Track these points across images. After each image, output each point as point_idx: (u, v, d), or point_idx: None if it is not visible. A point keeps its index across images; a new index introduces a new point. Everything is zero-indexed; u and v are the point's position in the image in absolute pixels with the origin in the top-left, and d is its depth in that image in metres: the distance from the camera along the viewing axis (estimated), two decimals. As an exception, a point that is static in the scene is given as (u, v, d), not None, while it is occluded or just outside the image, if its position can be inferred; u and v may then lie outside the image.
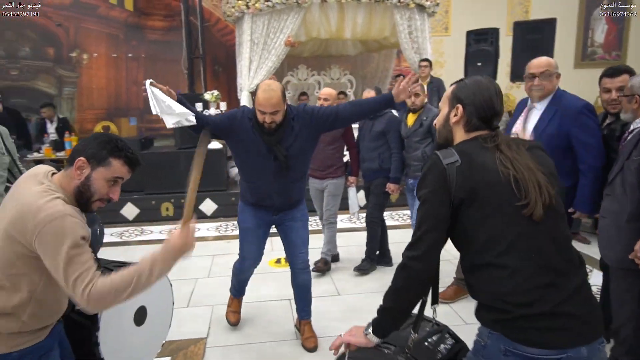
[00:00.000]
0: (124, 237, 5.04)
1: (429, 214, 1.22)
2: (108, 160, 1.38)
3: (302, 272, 2.71)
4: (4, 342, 1.32)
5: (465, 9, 9.18)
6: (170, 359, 2.61)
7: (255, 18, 5.89)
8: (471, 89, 1.32)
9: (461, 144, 1.30)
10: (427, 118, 3.34)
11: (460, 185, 1.19)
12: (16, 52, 7.65)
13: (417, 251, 1.22)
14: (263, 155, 2.40)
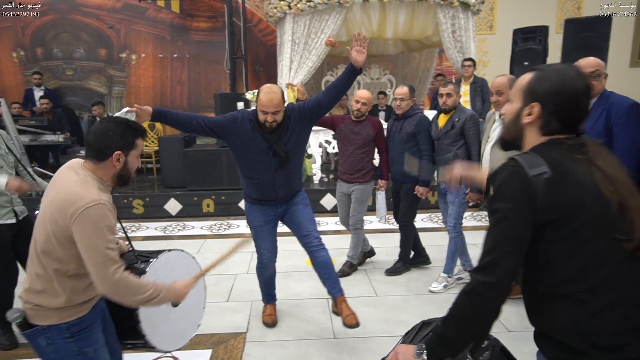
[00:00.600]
0: (167, 232, 5.22)
1: (507, 234, 1.03)
2: (135, 143, 1.58)
3: (318, 250, 2.75)
4: (54, 314, 1.49)
5: (511, 6, 8.88)
6: (211, 351, 2.68)
7: (297, 18, 5.94)
8: (553, 83, 1.08)
9: (546, 149, 1.07)
10: (459, 119, 3.24)
11: (550, 203, 1.00)
12: (72, 54, 8.09)
13: (491, 277, 1.03)
14: (264, 153, 2.59)
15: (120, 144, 1.53)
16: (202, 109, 8.48)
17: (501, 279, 1.03)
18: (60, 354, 1.50)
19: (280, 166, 2.63)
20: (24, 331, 1.50)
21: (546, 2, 8.93)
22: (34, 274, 1.49)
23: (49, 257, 1.46)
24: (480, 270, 1.06)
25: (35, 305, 1.48)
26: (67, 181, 1.48)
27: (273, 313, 3.04)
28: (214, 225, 5.40)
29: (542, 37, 5.24)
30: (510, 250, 1.03)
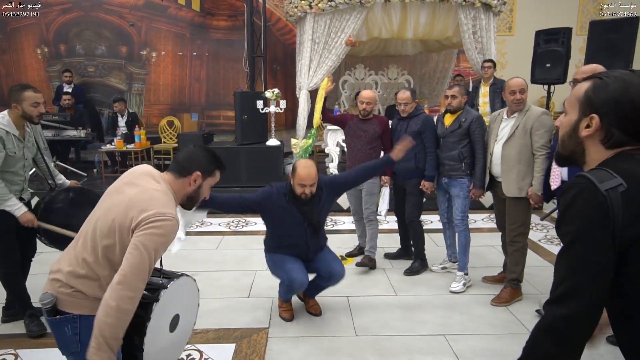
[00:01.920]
0: (186, 228, 5.28)
1: (585, 260, 0.93)
2: (214, 172, 1.73)
3: (334, 282, 3.05)
4: (89, 304, 1.50)
5: (531, 8, 8.80)
6: (235, 345, 2.71)
7: (317, 18, 5.96)
8: (614, 92, 0.98)
9: (615, 162, 0.97)
10: (465, 120, 3.38)
11: (631, 217, 0.90)
12: (94, 51, 8.23)
13: (571, 309, 0.92)
14: (299, 223, 2.83)
15: (203, 168, 1.67)
16: (220, 107, 8.55)
17: (585, 311, 0.93)
18: (84, 346, 1.47)
19: (313, 234, 2.90)
20: (52, 317, 1.50)
21: (567, 3, 8.83)
22: (80, 258, 1.52)
23: (106, 248, 1.49)
24: (556, 302, 0.95)
25: (75, 290, 1.50)
26: (149, 186, 1.56)
27: (290, 308, 3.11)
28: (232, 222, 5.45)
29: (565, 38, 5.19)
30: (590, 278, 0.92)
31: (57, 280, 1.52)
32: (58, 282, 1.51)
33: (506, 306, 3.16)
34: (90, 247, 1.51)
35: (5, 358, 2.58)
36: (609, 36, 4.78)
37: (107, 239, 1.49)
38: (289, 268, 2.87)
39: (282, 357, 2.60)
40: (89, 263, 1.50)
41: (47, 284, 1.55)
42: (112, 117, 7.48)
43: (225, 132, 8.32)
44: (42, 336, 2.79)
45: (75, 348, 1.52)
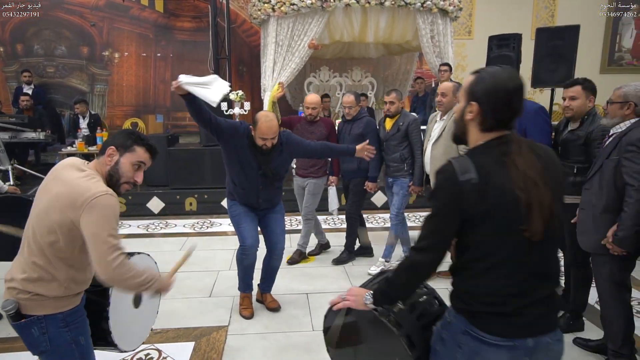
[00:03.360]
0: (150, 230, 5.27)
1: (438, 228, 1.27)
2: (133, 147, 1.65)
3: (277, 259, 3.17)
4: (51, 304, 1.54)
5: (489, 13, 9.15)
6: (194, 343, 2.78)
7: (281, 21, 6.04)
8: (487, 84, 1.24)
9: (478, 153, 1.26)
10: (403, 123, 3.64)
11: (473, 205, 1.20)
12: (53, 51, 8.02)
13: (424, 257, 1.30)
14: (254, 169, 2.89)
15: (118, 143, 1.64)
16: (185, 108, 8.47)
17: (432, 259, 1.29)
18: (53, 343, 1.54)
19: (266, 184, 2.96)
20: (16, 322, 1.52)
21: (522, 10, 9.24)
22: (30, 262, 1.53)
23: (52, 247, 1.52)
24: (416, 251, 1.31)
25: (34, 294, 1.52)
26: (72, 177, 1.55)
27: (250, 306, 3.19)
28: (197, 224, 5.47)
29: (516, 44, 5.45)
30: (438, 240, 1.28)
31: (14, 288, 1.53)
32: (15, 289, 1.53)
33: None
34: (36, 250, 1.53)
35: (-42, 365, 2.55)
36: (554, 42, 5.07)
37: (49, 237, 1.51)
38: (243, 228, 3.01)
39: (241, 354, 2.69)
40: (40, 265, 1.53)
41: (5, 292, 1.56)
42: (73, 119, 7.32)
43: (191, 133, 8.28)
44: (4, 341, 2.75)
45: (45, 346, 1.55)
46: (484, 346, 1.25)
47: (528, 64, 5.82)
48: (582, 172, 2.69)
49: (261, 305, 3.29)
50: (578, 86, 2.75)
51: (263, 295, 3.30)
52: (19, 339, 1.58)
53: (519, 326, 1.24)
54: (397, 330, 1.40)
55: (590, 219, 2.40)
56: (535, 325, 1.25)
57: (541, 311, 1.25)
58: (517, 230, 1.21)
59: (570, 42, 4.97)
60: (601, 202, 2.33)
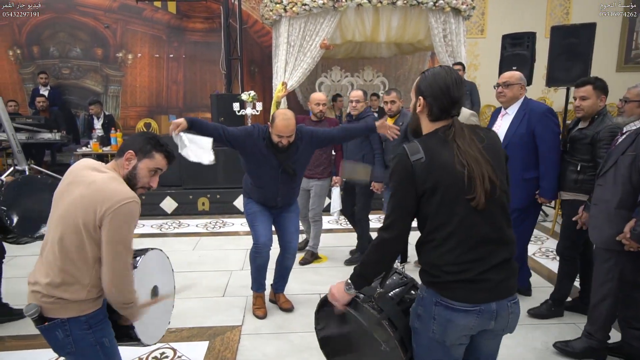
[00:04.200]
0: (163, 229, 5.32)
1: (399, 204, 1.43)
2: (152, 154, 1.66)
3: (291, 258, 3.19)
4: (74, 307, 1.55)
5: (502, 11, 9.06)
6: (208, 343, 2.79)
7: (292, 21, 6.05)
8: (429, 80, 1.46)
9: (426, 138, 1.46)
10: (403, 123, 3.59)
11: (423, 180, 1.38)
12: (68, 53, 8.14)
13: (390, 233, 1.45)
14: (273, 168, 2.88)
15: (136, 147, 1.64)
16: (197, 108, 8.56)
17: (397, 234, 1.45)
18: (78, 345, 1.55)
19: (286, 181, 2.95)
20: (40, 325, 1.54)
21: (536, 8, 9.12)
22: (55, 266, 1.53)
23: (78, 249, 1.51)
24: (383, 229, 1.46)
25: (57, 298, 1.53)
26: (95, 178, 1.55)
27: (263, 306, 3.20)
28: (209, 223, 5.50)
29: (530, 42, 5.39)
30: (401, 215, 1.44)
31: (38, 292, 1.54)
32: (38, 293, 1.54)
33: None
34: (60, 254, 1.53)
35: (-22, 361, 2.60)
36: (569, 41, 5.00)
37: (75, 240, 1.51)
38: (257, 226, 3.04)
39: (254, 354, 2.70)
40: (64, 270, 1.53)
41: (29, 295, 1.57)
42: (87, 120, 7.42)
43: (204, 133, 8.32)
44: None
45: (70, 348, 1.56)
46: (455, 313, 1.39)
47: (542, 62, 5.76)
48: (585, 170, 2.79)
49: (275, 305, 3.30)
50: (589, 86, 2.75)
51: (276, 295, 3.31)
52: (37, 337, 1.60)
53: (484, 291, 1.39)
54: (378, 314, 1.50)
55: (603, 214, 2.41)
56: (498, 290, 1.40)
57: (501, 277, 1.40)
58: (464, 201, 1.37)
59: (586, 40, 4.90)
60: (616, 198, 2.35)
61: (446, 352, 1.45)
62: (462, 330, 1.41)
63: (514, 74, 3.05)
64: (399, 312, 1.55)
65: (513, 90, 3.01)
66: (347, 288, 1.53)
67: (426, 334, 1.45)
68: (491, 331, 1.45)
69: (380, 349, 1.50)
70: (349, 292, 1.53)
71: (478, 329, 1.42)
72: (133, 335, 1.74)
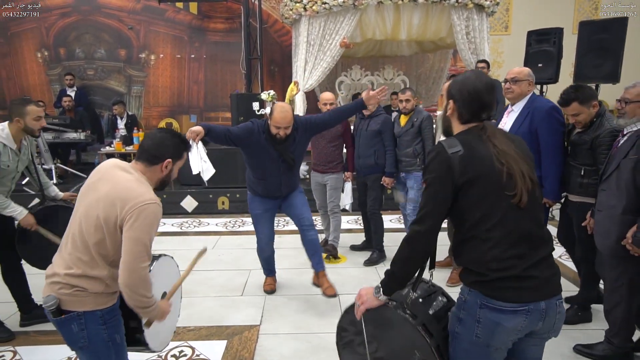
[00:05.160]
0: (183, 228, 5.37)
1: (433, 196, 1.40)
2: (183, 155, 1.79)
3: (308, 229, 3.28)
4: (91, 301, 1.58)
5: (527, 7, 8.83)
6: (226, 342, 2.79)
7: (312, 20, 6.03)
8: (459, 85, 1.48)
9: (462, 134, 1.45)
10: (417, 120, 3.77)
11: (462, 172, 1.36)
12: (93, 54, 8.33)
13: (422, 226, 1.40)
14: (273, 159, 3.04)
15: (172, 154, 1.72)
16: (218, 108, 8.64)
17: (429, 228, 1.40)
18: (91, 339, 1.58)
19: (287, 170, 3.11)
20: (57, 317, 1.56)
21: (563, 3, 8.86)
22: (75, 258, 1.57)
23: (98, 244, 1.55)
24: (415, 222, 1.43)
25: (76, 289, 1.55)
26: (122, 178, 1.60)
27: (273, 283, 3.52)
28: (229, 222, 5.53)
29: (557, 38, 5.23)
30: (435, 208, 1.39)
31: (56, 282, 1.57)
32: (57, 284, 1.56)
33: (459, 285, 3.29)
34: (82, 247, 1.57)
35: (4, 355, 2.66)
36: (599, 36, 4.82)
37: (96, 236, 1.55)
38: (259, 228, 3.30)
39: (272, 354, 2.68)
40: (84, 262, 1.56)
41: (46, 288, 1.60)
42: (111, 120, 7.56)
43: (224, 133, 8.39)
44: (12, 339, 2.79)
45: (83, 342, 1.58)
46: (502, 315, 1.34)
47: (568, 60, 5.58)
48: (589, 174, 2.71)
49: (293, 304, 3.27)
50: (574, 103, 2.66)
51: (319, 277, 3.35)
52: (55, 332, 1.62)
53: (531, 290, 1.35)
54: (413, 320, 1.44)
55: (608, 220, 2.36)
56: (546, 288, 1.37)
57: (546, 274, 1.38)
58: (504, 196, 1.36)
59: (616, 36, 4.71)
60: (621, 204, 2.29)
61: (489, 356, 1.40)
62: (510, 333, 1.36)
63: (523, 70, 2.96)
64: (432, 318, 1.50)
65: (521, 86, 2.91)
66: (377, 292, 1.47)
67: (468, 339, 1.40)
68: (537, 335, 1.41)
69: (414, 357, 1.45)
70: (378, 297, 1.47)
71: (526, 330, 1.38)
72: (142, 340, 1.75)
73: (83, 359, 1.66)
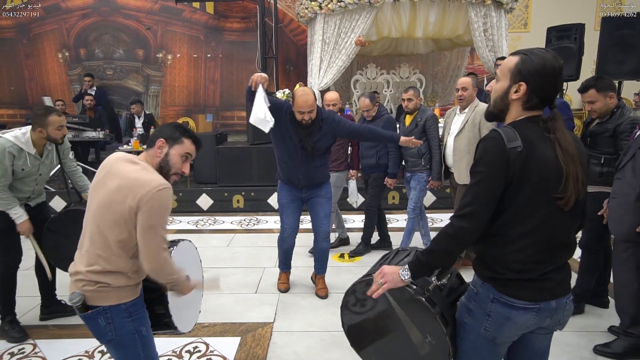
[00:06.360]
0: (199, 226, 5.41)
1: (484, 192, 1.29)
2: (181, 139, 1.70)
3: (323, 241, 3.35)
4: (115, 295, 1.60)
5: (547, 3, 8.66)
6: (240, 339, 2.80)
7: (328, 18, 6.01)
8: (537, 65, 1.28)
9: (523, 126, 1.30)
10: (421, 119, 3.77)
11: (517, 171, 1.26)
12: (112, 54, 8.48)
13: (469, 223, 1.30)
14: (294, 144, 3.04)
15: (166, 135, 1.68)
16: (234, 107, 8.70)
17: (476, 226, 1.31)
18: (118, 332, 1.60)
19: (306, 159, 3.08)
20: (83, 313, 1.59)
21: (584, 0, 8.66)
22: (95, 255, 1.58)
23: (117, 239, 1.56)
24: (461, 218, 1.32)
25: (100, 285, 1.57)
26: (129, 169, 1.60)
27: (286, 282, 3.52)
28: (244, 220, 5.56)
29: (578, 35, 5.10)
30: (484, 205, 1.29)
31: (80, 280, 1.58)
32: (81, 281, 1.58)
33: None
34: (100, 243, 1.58)
35: (24, 348, 2.72)
36: (622, 32, 4.68)
37: (114, 230, 1.56)
38: (285, 217, 3.30)
39: (286, 351, 2.67)
40: (104, 258, 1.58)
41: (72, 285, 1.63)
42: (129, 119, 7.69)
43: (239, 132, 8.46)
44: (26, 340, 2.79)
45: (111, 336, 1.61)
46: (513, 311, 1.33)
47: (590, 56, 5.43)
48: (609, 162, 2.77)
49: (306, 302, 3.27)
50: (592, 90, 2.72)
51: (317, 278, 3.46)
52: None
53: (545, 290, 1.34)
54: (432, 308, 1.42)
55: (622, 207, 2.46)
56: (558, 289, 1.36)
57: (561, 276, 1.36)
58: (551, 200, 1.29)
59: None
60: (635, 191, 2.39)
61: (494, 349, 1.41)
62: (519, 328, 1.36)
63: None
64: (448, 305, 1.50)
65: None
66: (404, 275, 1.39)
67: (476, 330, 1.39)
68: (544, 327, 1.41)
69: (424, 341, 1.46)
70: (403, 279, 1.40)
71: (534, 327, 1.38)
72: (171, 324, 1.78)
73: (111, 351, 1.69)
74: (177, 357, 2.60)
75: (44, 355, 2.64)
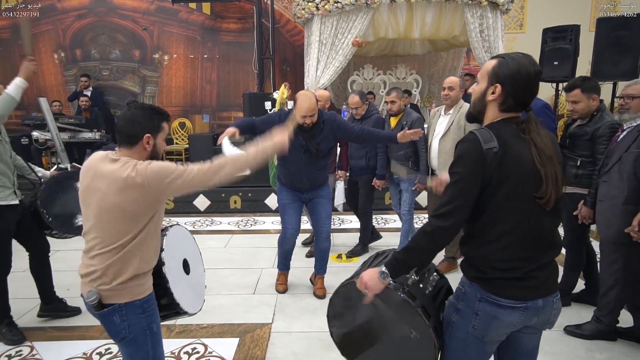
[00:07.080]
0: (196, 227, 5.40)
1: (462, 192, 1.33)
2: (161, 126, 1.70)
3: (324, 241, 3.37)
4: (130, 291, 1.61)
5: (543, 4, 8.69)
6: (238, 339, 2.80)
7: (324, 19, 6.02)
8: (512, 69, 1.33)
9: (499, 127, 1.35)
10: (406, 122, 3.69)
11: (494, 171, 1.30)
12: (108, 55, 8.44)
13: (446, 223, 1.33)
14: (297, 149, 3.04)
15: (149, 127, 1.64)
16: (230, 108, 8.69)
17: (453, 225, 1.34)
18: (131, 329, 1.61)
19: (310, 161, 3.12)
20: (99, 311, 1.59)
21: (580, 1, 8.70)
22: (103, 256, 1.58)
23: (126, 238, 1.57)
24: (438, 217, 1.35)
25: (114, 284, 1.57)
26: (112, 169, 1.57)
27: (284, 282, 3.53)
28: (241, 221, 5.55)
29: (573, 36, 5.15)
30: (462, 205, 1.33)
31: (94, 280, 1.59)
32: (95, 281, 1.58)
33: None
34: (109, 245, 1.58)
35: (21, 350, 2.71)
36: (617, 33, 4.73)
37: (121, 228, 1.56)
38: (286, 217, 3.29)
39: (284, 352, 2.68)
40: (115, 259, 1.57)
41: (84, 286, 1.62)
42: (126, 120, 7.65)
43: (236, 133, 8.42)
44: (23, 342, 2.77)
45: (125, 333, 1.62)
46: (500, 310, 1.35)
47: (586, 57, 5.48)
48: (585, 165, 2.82)
49: (305, 302, 3.27)
50: (577, 90, 2.76)
51: (316, 277, 3.48)
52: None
53: (531, 289, 1.36)
54: (413, 302, 1.46)
55: (610, 210, 2.50)
56: (544, 288, 1.38)
57: (546, 275, 1.38)
58: (530, 198, 1.32)
59: (636, 33, 4.61)
60: (622, 194, 2.43)
61: (482, 348, 1.43)
62: (507, 327, 1.39)
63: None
64: (429, 299, 1.53)
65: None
66: (383, 276, 1.41)
67: (465, 329, 1.42)
68: (532, 327, 1.43)
69: (410, 337, 1.49)
70: (383, 281, 1.42)
71: (521, 325, 1.40)
72: (179, 310, 1.81)
73: (123, 350, 1.69)
74: (175, 359, 2.60)
75: (42, 357, 2.62)
